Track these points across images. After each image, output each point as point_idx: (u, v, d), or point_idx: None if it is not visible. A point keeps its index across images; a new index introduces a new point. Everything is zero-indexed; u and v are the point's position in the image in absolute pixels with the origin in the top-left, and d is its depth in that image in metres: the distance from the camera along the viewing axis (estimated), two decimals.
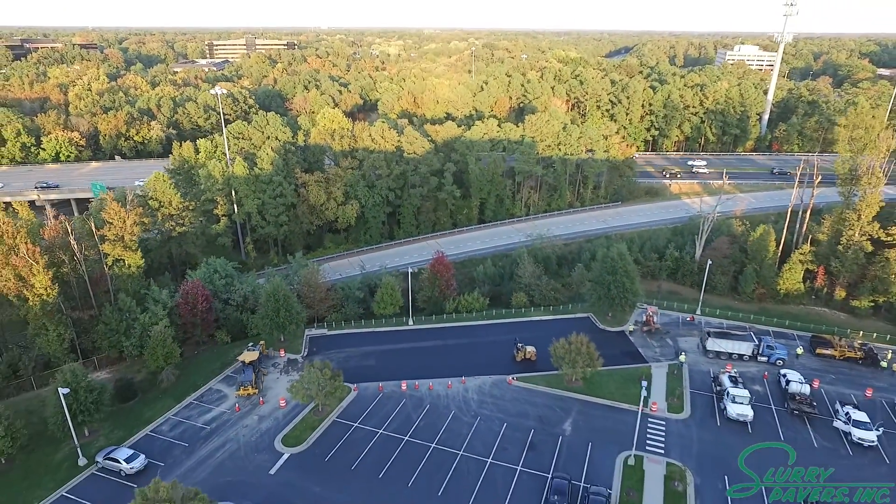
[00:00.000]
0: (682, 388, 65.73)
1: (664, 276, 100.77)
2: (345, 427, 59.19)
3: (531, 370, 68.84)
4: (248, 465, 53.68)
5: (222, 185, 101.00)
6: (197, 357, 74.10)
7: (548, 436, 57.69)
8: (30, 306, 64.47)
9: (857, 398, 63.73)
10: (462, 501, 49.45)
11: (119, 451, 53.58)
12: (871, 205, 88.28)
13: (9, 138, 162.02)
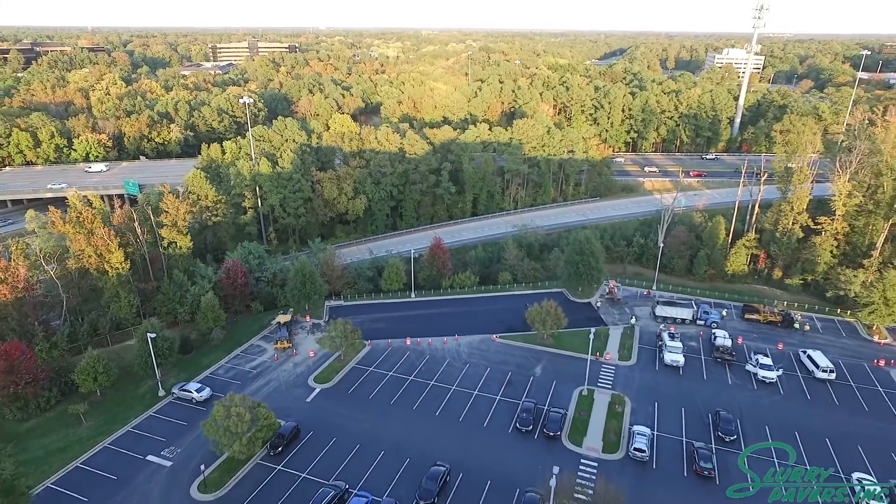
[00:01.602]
0: (633, 343, 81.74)
1: (631, 260, 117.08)
2: (362, 371, 75.04)
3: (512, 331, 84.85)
4: (289, 396, 69.41)
5: (249, 182, 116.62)
6: (237, 322, 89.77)
7: (522, 376, 73.61)
8: (108, 278, 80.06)
9: (771, 351, 79.68)
10: (454, 419, 65.31)
11: (190, 385, 69.35)
12: (801, 198, 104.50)
13: (44, 140, 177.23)
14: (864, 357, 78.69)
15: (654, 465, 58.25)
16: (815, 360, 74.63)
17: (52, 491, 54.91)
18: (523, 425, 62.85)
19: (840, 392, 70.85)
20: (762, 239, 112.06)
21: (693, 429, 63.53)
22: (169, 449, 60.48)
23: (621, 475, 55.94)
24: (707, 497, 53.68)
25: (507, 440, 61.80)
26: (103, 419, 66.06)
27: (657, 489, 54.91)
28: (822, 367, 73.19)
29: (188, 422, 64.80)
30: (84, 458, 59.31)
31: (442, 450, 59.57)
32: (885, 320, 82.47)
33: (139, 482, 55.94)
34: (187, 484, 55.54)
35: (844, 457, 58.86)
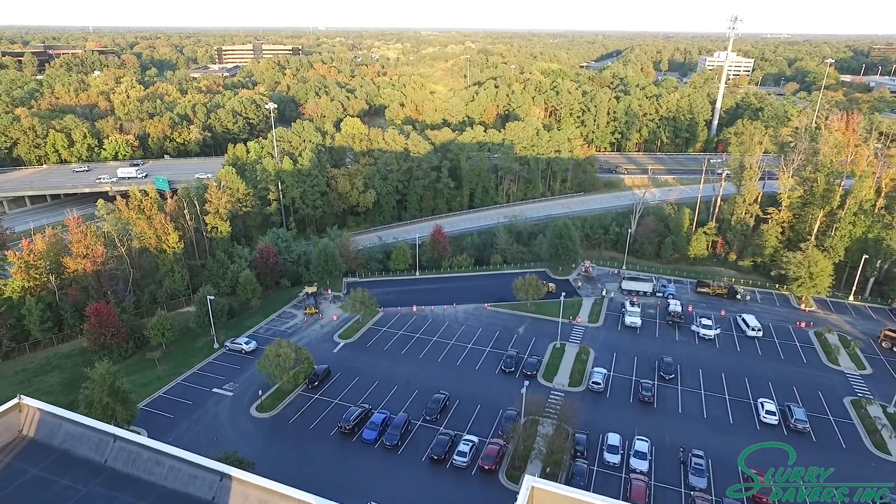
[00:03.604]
0: (601, 310, 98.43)
1: (607, 246, 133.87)
2: (377, 330, 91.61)
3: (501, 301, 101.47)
4: (319, 349, 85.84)
5: (273, 177, 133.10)
6: (269, 295, 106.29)
7: (507, 334, 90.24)
8: (165, 256, 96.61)
9: (714, 316, 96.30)
10: (452, 364, 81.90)
11: (239, 339, 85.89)
12: (751, 191, 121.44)
13: (77, 140, 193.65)
14: (789, 321, 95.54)
15: (608, 394, 74.97)
16: (747, 321, 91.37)
17: (144, 411, 71.26)
18: (507, 367, 79.52)
19: (764, 346, 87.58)
20: (721, 227, 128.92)
21: (641, 371, 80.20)
22: (229, 384, 77.00)
23: (582, 401, 72.45)
24: (644, 414, 70.46)
25: (494, 378, 78.46)
26: (173, 364, 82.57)
27: (609, 410, 71.57)
28: (752, 326, 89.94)
29: (240, 366, 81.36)
30: (164, 390, 75.83)
31: (443, 384, 76.10)
32: (810, 291, 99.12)
33: (209, 405, 72.49)
34: (247, 407, 72.10)
35: (756, 389, 75.69)
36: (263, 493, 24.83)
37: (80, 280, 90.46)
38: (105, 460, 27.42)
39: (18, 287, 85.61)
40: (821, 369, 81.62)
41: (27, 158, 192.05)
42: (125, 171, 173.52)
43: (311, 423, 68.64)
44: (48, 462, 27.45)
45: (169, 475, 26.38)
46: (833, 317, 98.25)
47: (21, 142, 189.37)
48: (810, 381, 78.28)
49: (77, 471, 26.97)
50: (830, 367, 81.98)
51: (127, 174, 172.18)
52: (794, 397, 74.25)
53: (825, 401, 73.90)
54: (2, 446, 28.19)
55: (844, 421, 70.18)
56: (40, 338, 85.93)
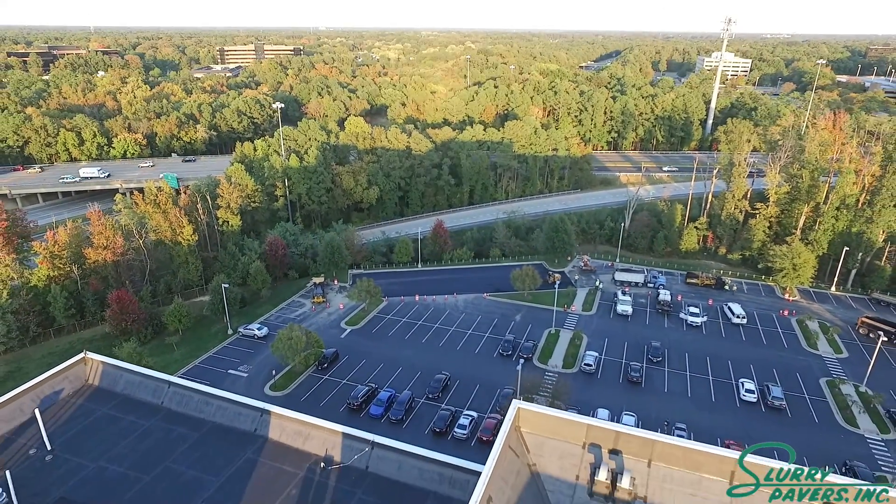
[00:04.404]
0: (594, 300, 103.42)
1: (602, 241, 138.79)
2: (381, 318, 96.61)
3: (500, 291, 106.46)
4: (327, 334, 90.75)
5: (281, 174, 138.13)
6: (278, 286, 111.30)
7: (505, 321, 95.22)
8: (180, 248, 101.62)
9: (702, 305, 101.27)
10: (453, 348, 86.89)
11: (252, 325, 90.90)
12: (740, 187, 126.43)
13: (87, 139, 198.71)
14: (773, 309, 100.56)
15: (599, 375, 79.97)
16: (732, 309, 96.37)
17: None
18: (504, 351, 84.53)
19: (748, 332, 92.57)
20: (712, 222, 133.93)
21: (631, 354, 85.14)
22: (243, 366, 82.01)
23: (574, 381, 77.48)
24: (633, 393, 75.46)
25: (493, 361, 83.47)
26: (189, 349, 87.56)
27: (600, 389, 76.55)
28: (737, 314, 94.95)
29: (253, 350, 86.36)
30: (182, 371, 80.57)
31: (444, 366, 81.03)
32: (793, 282, 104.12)
33: (226, 385, 77.24)
34: (261, 386, 77.07)
35: (738, 371, 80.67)
36: (297, 424, 29.92)
37: (100, 270, 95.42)
38: (161, 402, 32.54)
39: (44, 276, 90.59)
40: (800, 353, 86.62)
41: (38, 157, 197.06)
42: (87, 171, 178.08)
43: (322, 401, 73.58)
44: (113, 404, 32.57)
45: (217, 413, 31.48)
46: (815, 306, 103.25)
47: (33, 140, 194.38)
48: (790, 364, 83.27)
49: (138, 410, 32.09)
50: (809, 352, 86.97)
51: (89, 174, 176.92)
52: (774, 378, 79.19)
53: (802, 381, 78.90)
54: (72, 392, 33.30)
55: (819, 399, 75.20)
56: (64, 324, 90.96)
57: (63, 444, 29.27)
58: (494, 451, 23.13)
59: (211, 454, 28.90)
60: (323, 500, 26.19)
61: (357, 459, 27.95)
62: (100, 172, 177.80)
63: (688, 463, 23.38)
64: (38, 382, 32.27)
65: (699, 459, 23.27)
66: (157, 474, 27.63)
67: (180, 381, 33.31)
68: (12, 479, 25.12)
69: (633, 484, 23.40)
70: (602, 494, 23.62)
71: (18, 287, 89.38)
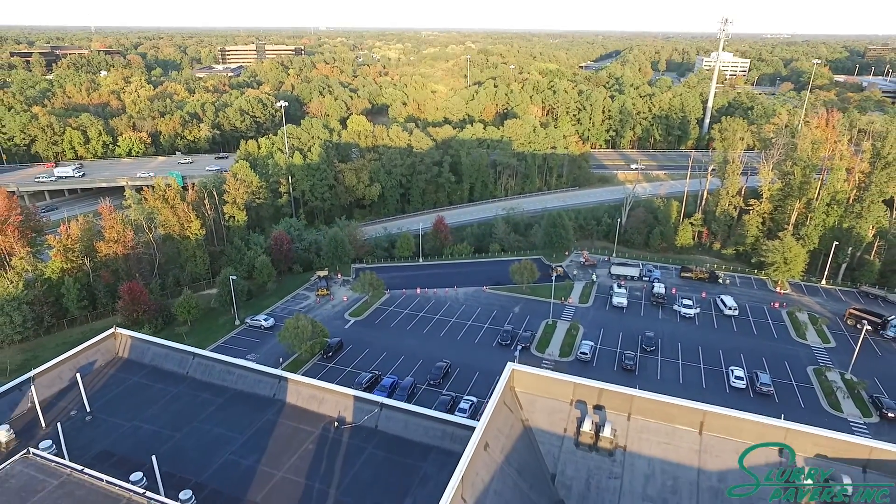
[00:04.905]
0: (591, 292, 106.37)
1: (599, 236, 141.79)
2: (384, 309, 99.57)
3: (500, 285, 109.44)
4: (331, 325, 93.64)
5: (284, 171, 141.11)
6: (283, 279, 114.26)
7: (504, 313, 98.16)
8: (188, 242, 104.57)
9: (695, 297, 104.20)
10: (453, 338, 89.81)
11: (259, 316, 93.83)
12: (734, 184, 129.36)
13: (93, 138, 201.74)
14: (765, 301, 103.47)
15: (594, 363, 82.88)
16: (724, 301, 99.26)
17: None
18: (503, 341, 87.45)
19: (740, 323, 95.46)
20: (707, 218, 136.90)
21: (625, 344, 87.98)
22: (251, 355, 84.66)
23: (570, 368, 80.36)
24: (626, 380, 78.05)
25: (492, 350, 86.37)
26: (199, 339, 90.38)
27: (594, 376, 78.43)
28: (729, 306, 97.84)
29: (260, 339, 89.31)
30: None
31: (445, 355, 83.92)
32: (784, 275, 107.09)
33: None
34: None
35: (728, 359, 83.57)
36: (312, 389, 32.91)
37: (111, 263, 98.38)
38: (187, 372, 35.54)
39: (58, 268, 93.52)
40: (789, 343, 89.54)
41: (45, 155, 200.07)
42: (62, 171, 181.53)
43: None
44: (143, 374, 35.58)
45: (238, 380, 34.47)
46: (805, 298, 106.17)
47: (39, 139, 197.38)
48: (779, 353, 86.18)
49: (166, 379, 35.10)
50: (798, 342, 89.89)
51: (64, 174, 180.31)
52: (763, 366, 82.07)
53: (790, 369, 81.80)
54: (105, 363, 36.33)
55: (806, 386, 78.12)
56: (77, 315, 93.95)
57: (100, 407, 32.24)
58: (490, 406, 26.08)
59: (234, 416, 31.86)
60: (337, 454, 29.14)
61: (367, 420, 30.90)
62: (75, 172, 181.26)
63: (662, 415, 26.32)
64: (73, 354, 35.27)
65: (672, 412, 26.21)
66: (186, 432, 30.61)
67: (204, 352, 36.29)
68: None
69: (614, 434, 26.36)
70: (587, 444, 26.58)
71: (33, 279, 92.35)
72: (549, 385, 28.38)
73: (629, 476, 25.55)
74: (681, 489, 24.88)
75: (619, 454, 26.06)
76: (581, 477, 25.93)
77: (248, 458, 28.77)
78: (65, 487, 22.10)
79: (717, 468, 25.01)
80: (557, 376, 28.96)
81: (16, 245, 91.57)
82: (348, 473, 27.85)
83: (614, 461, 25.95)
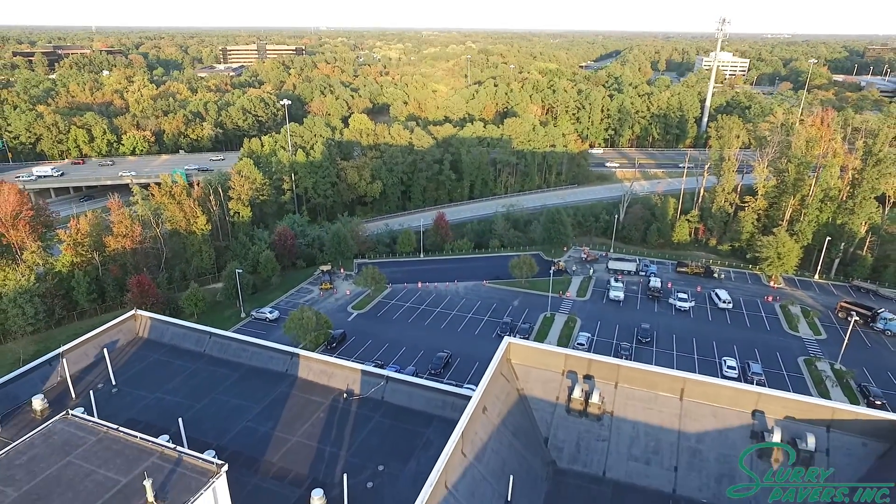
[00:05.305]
0: (589, 286, 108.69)
1: (598, 233, 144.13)
2: (386, 303, 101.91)
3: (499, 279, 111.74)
4: (335, 318, 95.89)
5: (288, 169, 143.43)
6: (287, 274, 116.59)
7: (503, 306, 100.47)
8: (194, 237, 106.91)
9: (691, 291, 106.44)
10: (454, 330, 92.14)
11: (264, 309, 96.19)
12: (729, 181, 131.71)
13: (97, 136, 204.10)
14: (758, 295, 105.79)
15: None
16: (719, 295, 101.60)
17: None
18: (503, 332, 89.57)
19: (733, 316, 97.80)
20: (703, 215, 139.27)
21: (621, 335, 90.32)
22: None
23: None
24: None
25: (491, 341, 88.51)
26: None
27: None
28: (723, 299, 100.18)
29: (266, 331, 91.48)
30: None
31: (446, 346, 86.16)
32: (778, 270, 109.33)
33: None
34: None
35: (721, 350, 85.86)
36: (322, 364, 35.24)
37: (119, 257, 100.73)
38: (204, 350, 37.88)
39: (68, 262, 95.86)
40: (781, 335, 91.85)
41: (50, 153, 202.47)
42: (41, 171, 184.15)
43: None
44: (163, 352, 37.94)
45: (253, 357, 36.83)
46: (798, 293, 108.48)
47: (45, 137, 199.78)
48: (771, 344, 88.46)
49: (185, 357, 37.46)
50: (790, 334, 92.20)
51: (43, 173, 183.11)
52: (755, 357, 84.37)
53: (781, 359, 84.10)
54: (126, 343, 38.68)
55: (796, 375, 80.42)
56: (87, 307, 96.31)
57: (125, 381, 34.57)
58: (487, 374, 28.37)
59: (250, 389, 34.18)
60: (346, 423, 31.45)
61: (374, 392, 33.20)
62: (53, 171, 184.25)
63: (646, 383, 28.61)
64: (97, 333, 37.55)
65: (655, 380, 28.50)
66: (206, 403, 32.93)
67: (219, 331, 38.63)
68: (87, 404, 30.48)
69: (602, 401, 28.66)
70: (577, 410, 28.88)
71: (44, 273, 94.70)
72: (543, 357, 30.67)
73: (616, 438, 27.83)
74: (662, 449, 27.17)
75: (606, 419, 28.32)
76: (572, 440, 28.21)
77: (264, 424, 31.09)
78: (103, 443, 24.40)
79: (695, 430, 27.29)
80: (550, 349, 31.28)
81: (27, 239, 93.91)
82: (357, 439, 30.16)
83: (602, 425, 28.22)
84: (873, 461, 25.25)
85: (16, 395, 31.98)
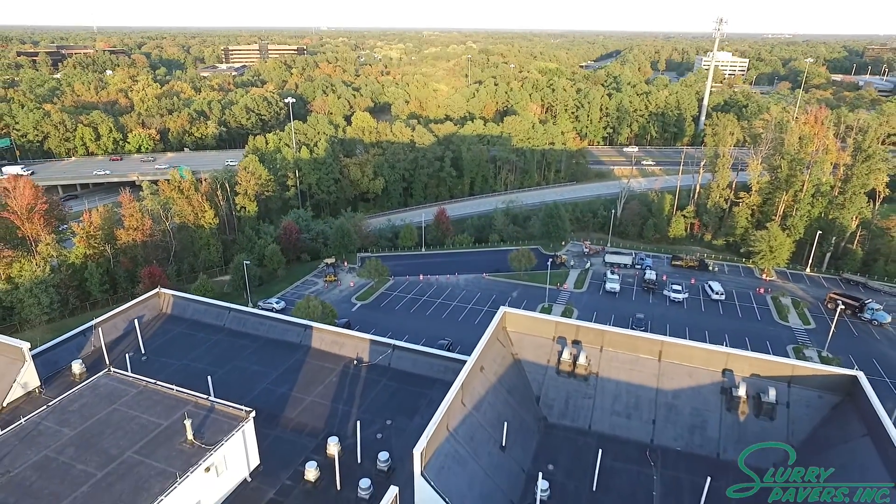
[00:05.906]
0: (586, 279, 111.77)
1: (595, 228, 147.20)
2: (388, 294, 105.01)
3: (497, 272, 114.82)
4: (339, 307, 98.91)
5: (292, 165, 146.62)
6: (292, 267, 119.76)
7: (502, 297, 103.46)
8: (203, 231, 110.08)
9: (685, 283, 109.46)
10: (455, 320, 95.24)
11: (271, 299, 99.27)
12: (724, 177, 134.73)
13: (104, 134, 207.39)
14: (750, 287, 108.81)
15: None
16: (712, 287, 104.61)
17: None
18: None
19: (726, 307, 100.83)
20: (698, 211, 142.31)
21: (616, 325, 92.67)
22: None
23: None
24: None
25: None
26: None
27: None
28: (716, 290, 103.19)
29: None
30: None
31: (447, 334, 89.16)
32: (770, 263, 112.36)
33: None
34: None
35: (713, 339, 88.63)
36: (334, 335, 38.35)
37: (130, 250, 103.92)
38: (224, 324, 41.00)
39: (81, 254, 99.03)
40: (772, 325, 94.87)
41: (57, 151, 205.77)
42: (11, 170, 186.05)
43: None
44: (186, 325, 41.08)
45: (270, 330, 39.94)
46: (790, 285, 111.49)
47: (52, 136, 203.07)
48: (761, 334, 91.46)
49: (206, 330, 40.57)
50: (780, 323, 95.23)
51: (14, 172, 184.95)
52: (745, 345, 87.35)
53: (771, 348, 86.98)
54: (152, 317, 41.81)
55: None
56: (99, 298, 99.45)
57: (152, 350, 37.68)
58: (484, 339, 31.51)
59: (268, 357, 37.27)
60: (357, 385, 34.55)
61: (381, 359, 36.30)
62: (23, 170, 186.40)
63: (628, 346, 31.69)
64: (124, 309, 40.66)
65: (636, 343, 31.57)
66: (228, 369, 36.01)
67: (238, 307, 41.74)
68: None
69: (588, 363, 31.72)
70: (566, 372, 31.94)
71: (58, 264, 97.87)
72: (535, 324, 33.79)
73: (600, 396, 30.90)
74: (642, 405, 30.24)
75: (592, 379, 31.39)
76: (561, 398, 31.29)
77: (282, 386, 34.18)
78: (143, 394, 27.50)
79: (671, 388, 30.34)
80: (542, 317, 34.38)
81: (42, 232, 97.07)
82: (367, 398, 33.26)
83: (588, 385, 31.29)
84: (827, 411, 28.27)
85: (55, 361, 35.12)
